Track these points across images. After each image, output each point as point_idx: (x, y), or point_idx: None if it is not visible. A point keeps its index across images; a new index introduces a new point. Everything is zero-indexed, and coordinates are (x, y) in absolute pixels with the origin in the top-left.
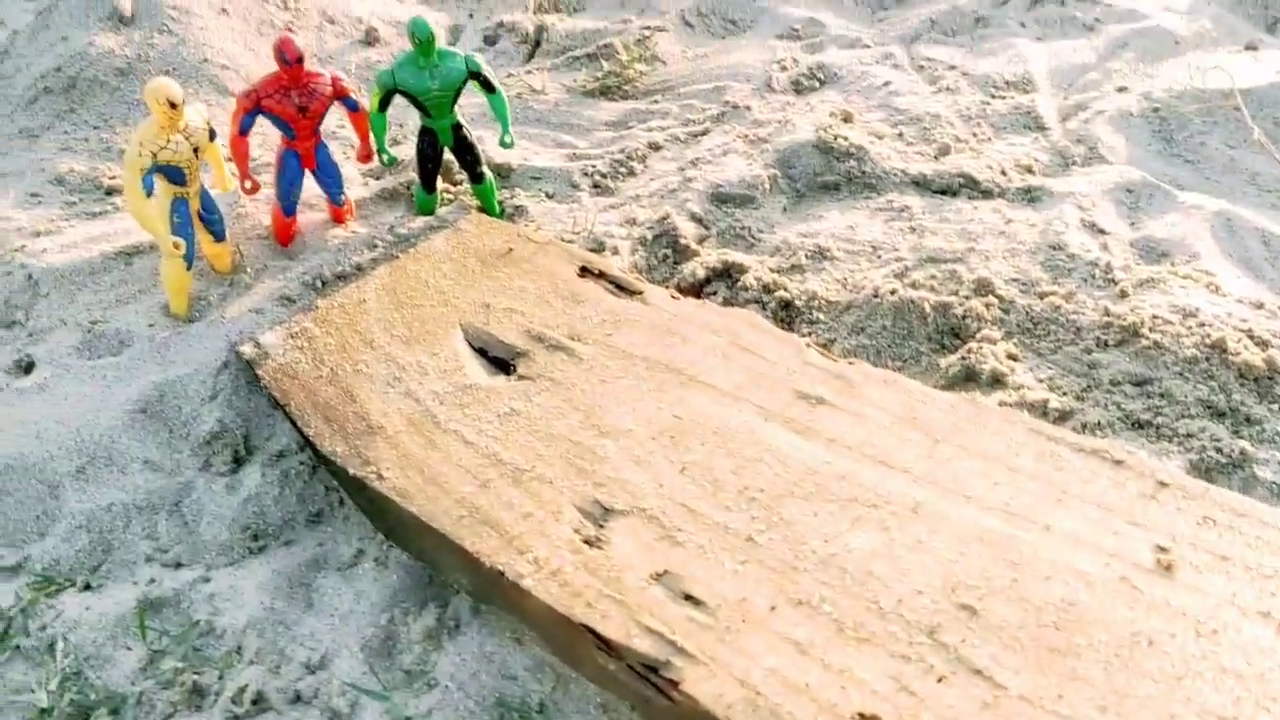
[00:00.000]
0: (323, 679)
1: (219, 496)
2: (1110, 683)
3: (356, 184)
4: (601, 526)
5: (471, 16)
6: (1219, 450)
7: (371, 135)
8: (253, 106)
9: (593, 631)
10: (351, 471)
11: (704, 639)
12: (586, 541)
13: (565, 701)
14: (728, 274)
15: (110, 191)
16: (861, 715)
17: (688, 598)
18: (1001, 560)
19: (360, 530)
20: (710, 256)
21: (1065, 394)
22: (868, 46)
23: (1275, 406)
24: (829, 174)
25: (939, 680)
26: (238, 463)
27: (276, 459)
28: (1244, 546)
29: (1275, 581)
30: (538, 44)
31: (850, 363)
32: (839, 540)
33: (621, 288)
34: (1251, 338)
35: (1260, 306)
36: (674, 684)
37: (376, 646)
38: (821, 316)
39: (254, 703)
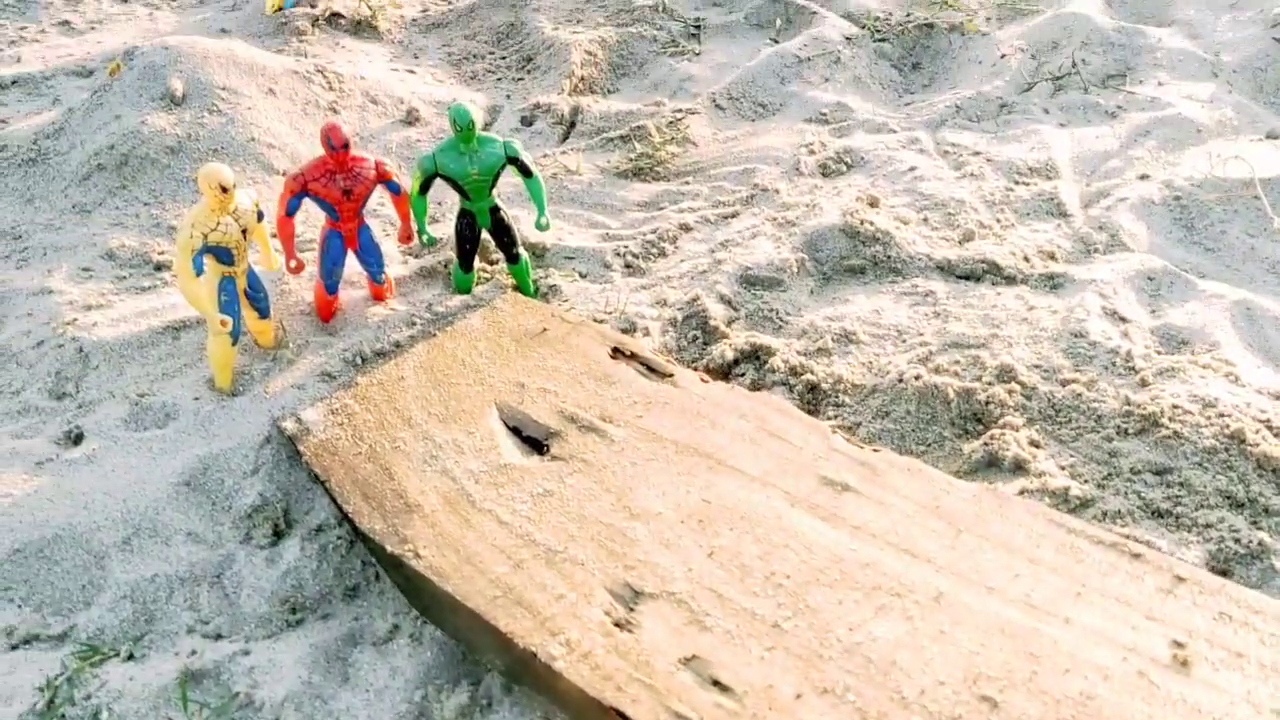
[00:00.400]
0: None
1: (259, 569)
2: None
3: (396, 262)
4: (632, 609)
5: (509, 98)
6: (1237, 541)
7: (412, 216)
8: (299, 189)
9: (623, 715)
10: (389, 549)
11: None
12: (617, 624)
13: None
14: (755, 356)
15: (159, 267)
16: None
17: (715, 683)
18: (1022, 652)
19: (395, 605)
20: (739, 339)
21: (1086, 482)
22: (894, 131)
23: None
24: (855, 258)
25: None
26: (278, 536)
27: (315, 533)
28: (1259, 644)
29: None
30: (573, 125)
31: (875, 450)
32: (863, 629)
33: (652, 369)
34: (1270, 429)
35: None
36: None
37: None
38: (847, 400)
39: None
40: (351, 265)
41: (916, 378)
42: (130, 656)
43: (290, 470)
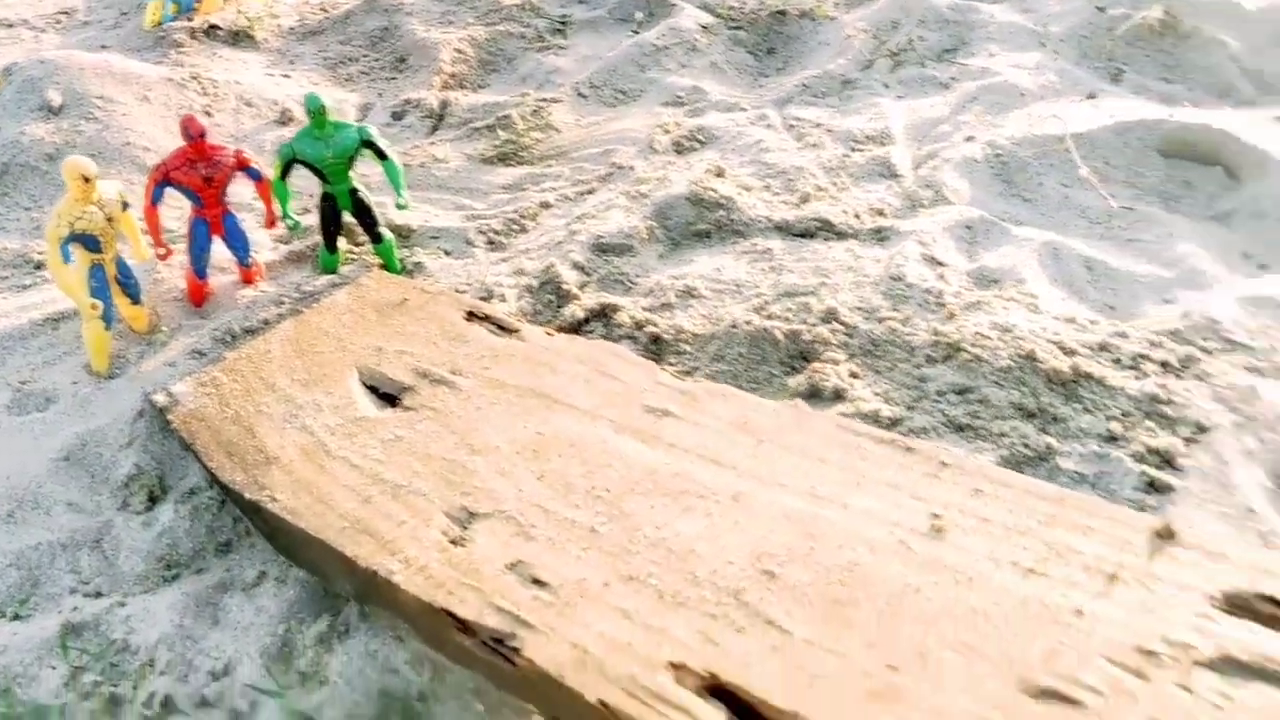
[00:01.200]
0: (226, 684)
1: (136, 532)
2: (880, 625)
3: (267, 249)
4: (466, 528)
5: (381, 96)
6: (1027, 445)
7: (275, 202)
8: (162, 178)
9: (452, 615)
10: (248, 496)
11: (545, 613)
12: (453, 542)
13: (442, 689)
14: (604, 314)
15: (39, 266)
16: (672, 664)
17: (535, 581)
18: (803, 534)
19: (264, 555)
20: (589, 300)
21: (897, 404)
22: (744, 110)
23: (1078, 406)
24: (700, 223)
25: (738, 631)
26: (153, 501)
27: (188, 496)
28: (1005, 511)
29: (1028, 538)
30: (441, 118)
31: (697, 381)
32: (669, 527)
33: (503, 328)
34: (1061, 348)
35: (1072, 321)
36: (516, 651)
37: (275, 653)
38: (687, 348)
39: (163, 706)
40: (222, 252)
41: (748, 323)
42: (16, 617)
43: (163, 441)
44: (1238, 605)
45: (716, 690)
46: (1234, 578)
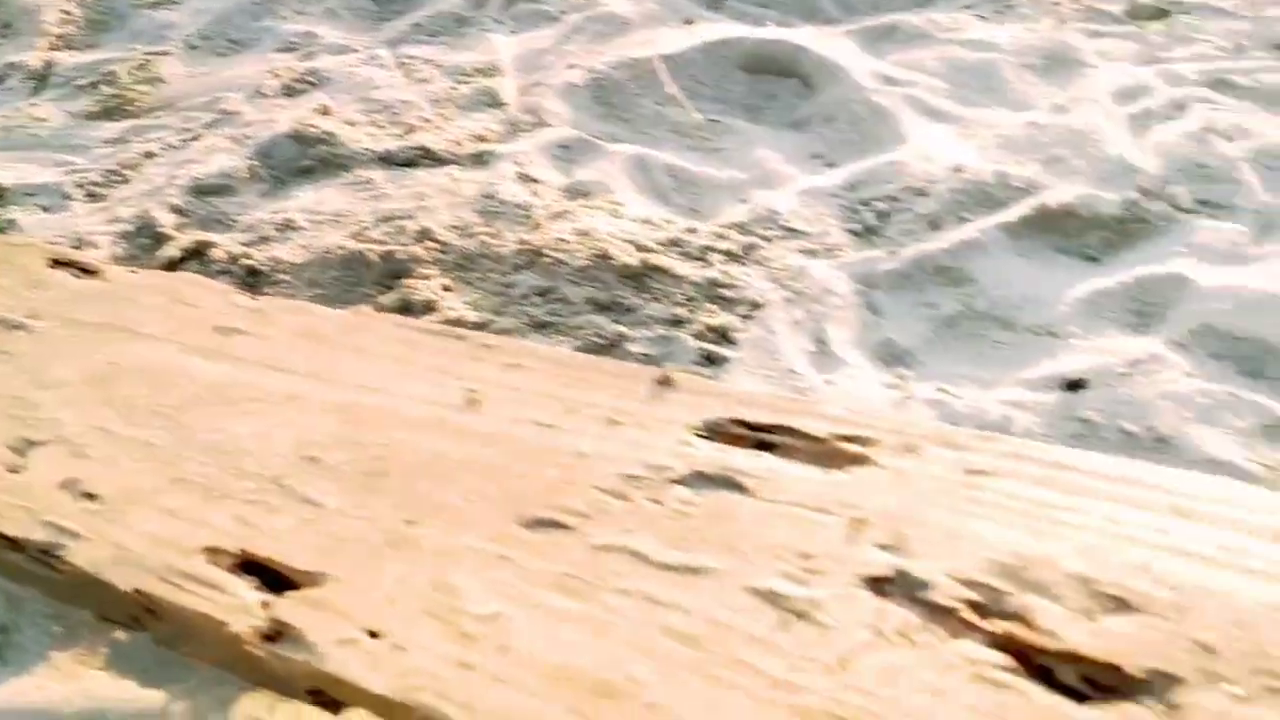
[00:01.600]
0: None
1: None
2: (405, 489)
3: None
4: (24, 456)
5: None
6: (600, 335)
7: None
8: None
9: (2, 535)
10: None
11: (94, 522)
12: (11, 470)
13: (22, 619)
14: (199, 252)
15: None
16: (206, 548)
17: (86, 495)
18: (349, 421)
19: None
20: (184, 239)
21: (485, 310)
22: (357, 51)
23: (648, 296)
24: (303, 159)
25: (271, 512)
26: None
27: None
28: (537, 380)
29: (550, 399)
30: (44, 79)
31: (272, 298)
32: (225, 431)
33: (85, 270)
34: (636, 245)
35: (648, 222)
36: (61, 559)
37: None
38: (284, 277)
39: None
40: None
41: (342, 248)
42: None
43: None
44: (715, 431)
45: (250, 566)
46: (716, 410)
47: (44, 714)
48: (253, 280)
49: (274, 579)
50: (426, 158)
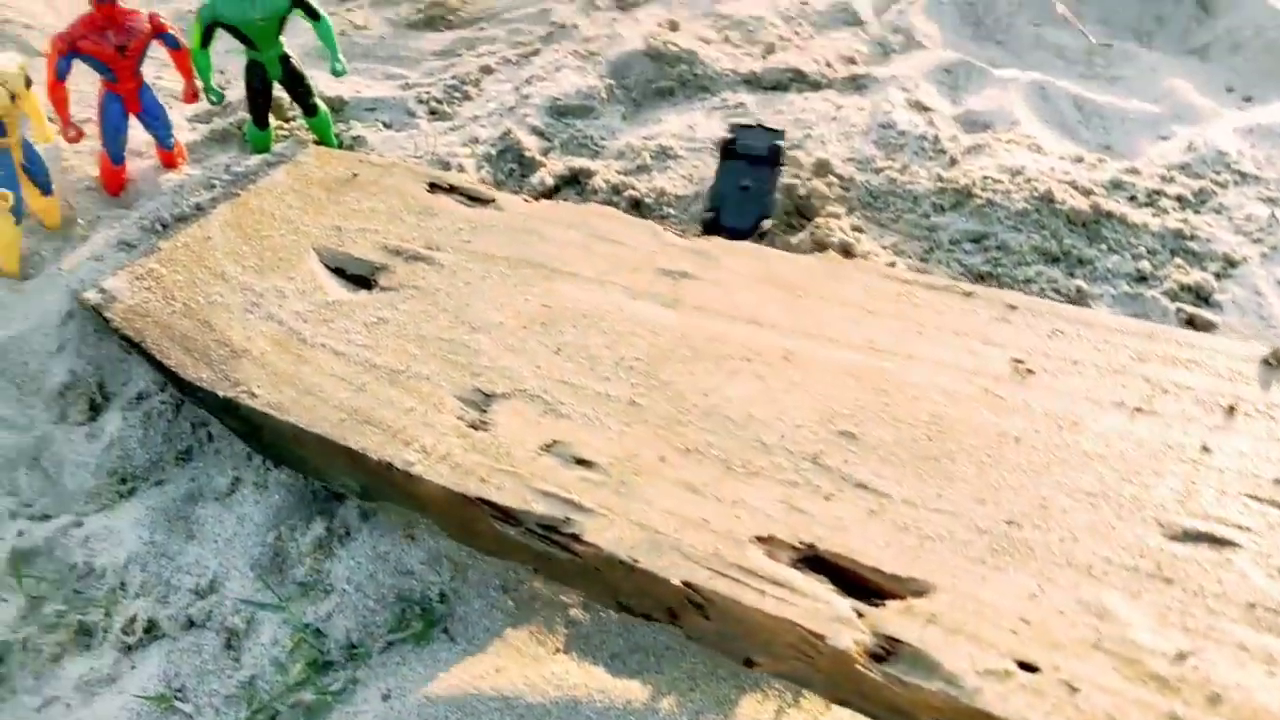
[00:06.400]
0: (214, 601)
1: (79, 445)
2: (984, 478)
3: (184, 129)
4: (484, 411)
5: None
6: (1057, 290)
7: (196, 73)
8: (67, 49)
9: (489, 503)
10: (221, 394)
11: (599, 494)
12: (472, 426)
13: (465, 589)
14: (576, 180)
15: None
16: (759, 537)
17: (579, 461)
18: (871, 389)
19: (233, 460)
20: (557, 165)
21: (910, 257)
22: None
23: (1103, 247)
24: (662, 80)
25: (826, 498)
26: (95, 411)
27: (136, 402)
28: (1092, 350)
29: (1124, 376)
30: None
31: (708, 239)
32: (718, 393)
33: (474, 198)
34: (1076, 187)
35: (1080, 160)
36: (575, 537)
37: (266, 564)
38: (671, 211)
39: (146, 631)
40: (137, 133)
41: None
42: None
43: (99, 343)
44: None
45: (814, 561)
46: None
47: (509, 702)
48: (637, 213)
49: (848, 581)
50: (798, 80)
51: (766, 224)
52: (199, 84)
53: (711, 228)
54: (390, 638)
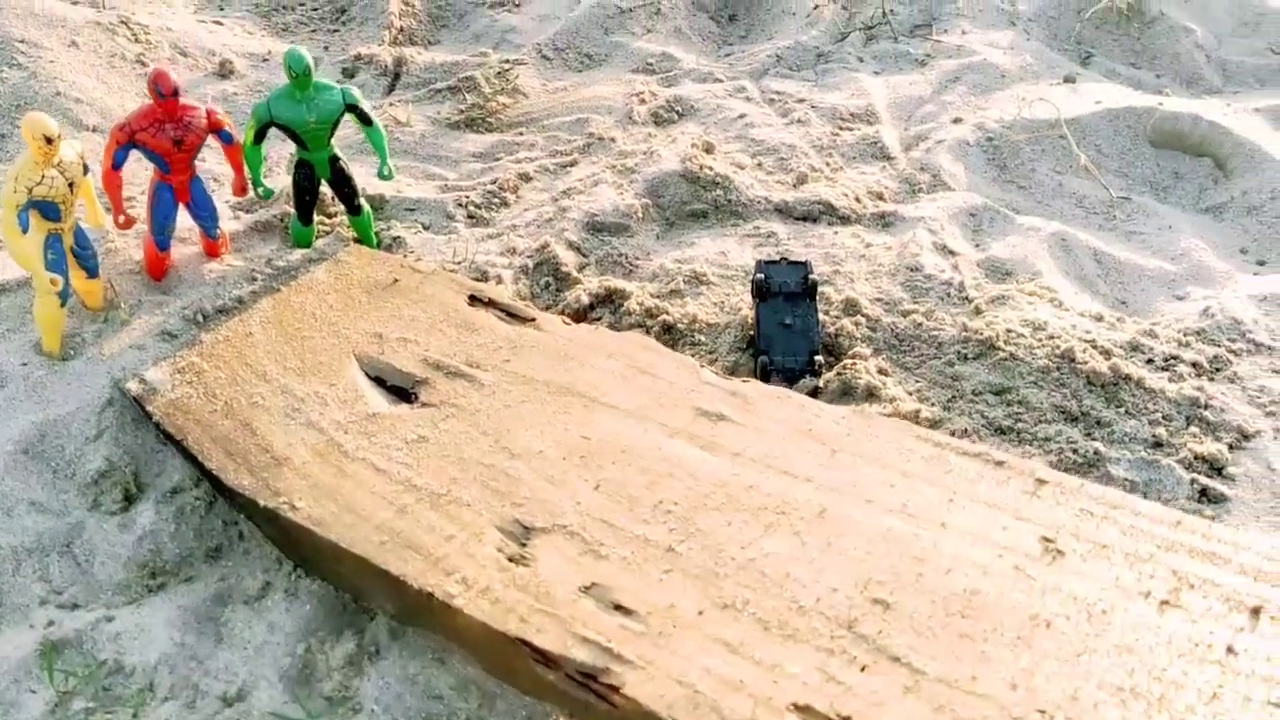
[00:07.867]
0: (242, 711)
1: (112, 535)
2: (1017, 662)
3: (227, 217)
4: (524, 545)
5: (327, 50)
6: (1075, 451)
7: (247, 168)
8: (126, 140)
9: (529, 645)
10: (263, 503)
11: (639, 645)
12: (511, 559)
13: (492, 718)
14: (610, 299)
15: None
16: (796, 706)
17: (618, 607)
18: (906, 557)
19: (264, 562)
20: (592, 283)
21: (934, 404)
22: (720, 80)
23: (1121, 410)
24: (697, 203)
25: (862, 669)
26: (129, 501)
27: (170, 495)
28: (1120, 534)
29: (1151, 565)
30: (397, 76)
31: (744, 380)
32: (755, 546)
33: (513, 315)
34: (1095, 347)
35: (1100, 319)
36: (615, 689)
37: (295, 675)
38: (702, 338)
39: None
40: (182, 220)
41: None
42: None
43: (137, 433)
44: None
45: None
46: None
47: None
48: (669, 338)
49: None
50: (828, 213)
51: (819, 360)
52: (249, 179)
53: (766, 373)
54: None
